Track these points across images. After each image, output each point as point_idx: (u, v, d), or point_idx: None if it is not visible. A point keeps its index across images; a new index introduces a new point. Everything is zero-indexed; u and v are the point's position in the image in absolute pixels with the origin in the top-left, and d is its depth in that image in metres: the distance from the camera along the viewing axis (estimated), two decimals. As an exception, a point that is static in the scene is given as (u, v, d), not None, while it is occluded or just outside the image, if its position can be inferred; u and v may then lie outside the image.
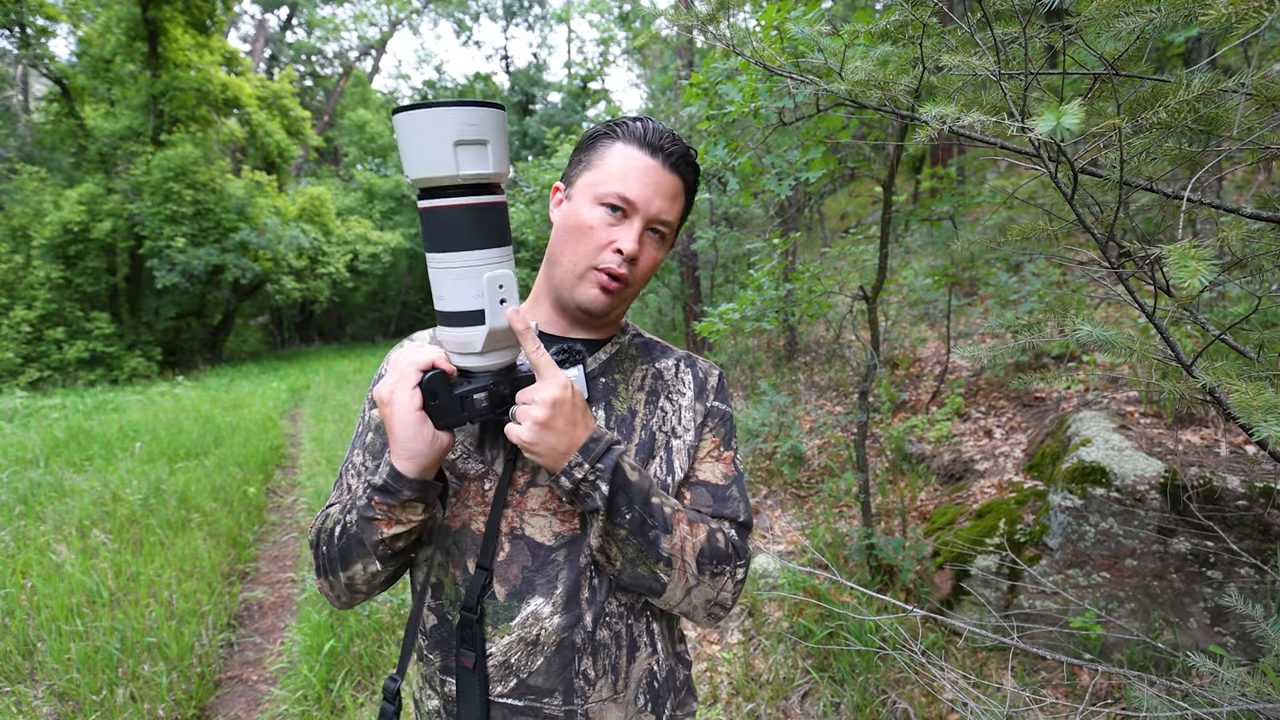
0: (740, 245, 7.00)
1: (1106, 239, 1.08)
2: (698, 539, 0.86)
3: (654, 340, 1.05)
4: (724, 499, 0.94)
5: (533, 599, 0.86)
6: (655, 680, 0.94)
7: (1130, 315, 3.82)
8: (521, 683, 0.87)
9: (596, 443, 0.80)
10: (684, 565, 0.85)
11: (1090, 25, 1.03)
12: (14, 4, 12.33)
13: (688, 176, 0.91)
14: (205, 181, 13.70)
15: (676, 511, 0.85)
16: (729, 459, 0.98)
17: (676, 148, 0.88)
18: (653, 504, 0.83)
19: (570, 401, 0.78)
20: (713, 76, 2.49)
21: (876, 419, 4.34)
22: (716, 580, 0.88)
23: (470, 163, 0.70)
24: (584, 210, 0.88)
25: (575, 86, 25.57)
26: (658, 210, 0.87)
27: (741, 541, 0.93)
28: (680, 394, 0.98)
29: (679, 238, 7.23)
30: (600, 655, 0.88)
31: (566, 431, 0.78)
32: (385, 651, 2.81)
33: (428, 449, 0.77)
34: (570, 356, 0.92)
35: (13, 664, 2.72)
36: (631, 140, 0.88)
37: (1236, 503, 2.21)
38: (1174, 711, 1.30)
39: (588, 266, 0.87)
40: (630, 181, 0.86)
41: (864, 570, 2.94)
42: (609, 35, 25.63)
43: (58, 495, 4.72)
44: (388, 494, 0.79)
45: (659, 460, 0.93)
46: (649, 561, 0.84)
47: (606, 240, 0.86)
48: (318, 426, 7.46)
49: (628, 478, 0.81)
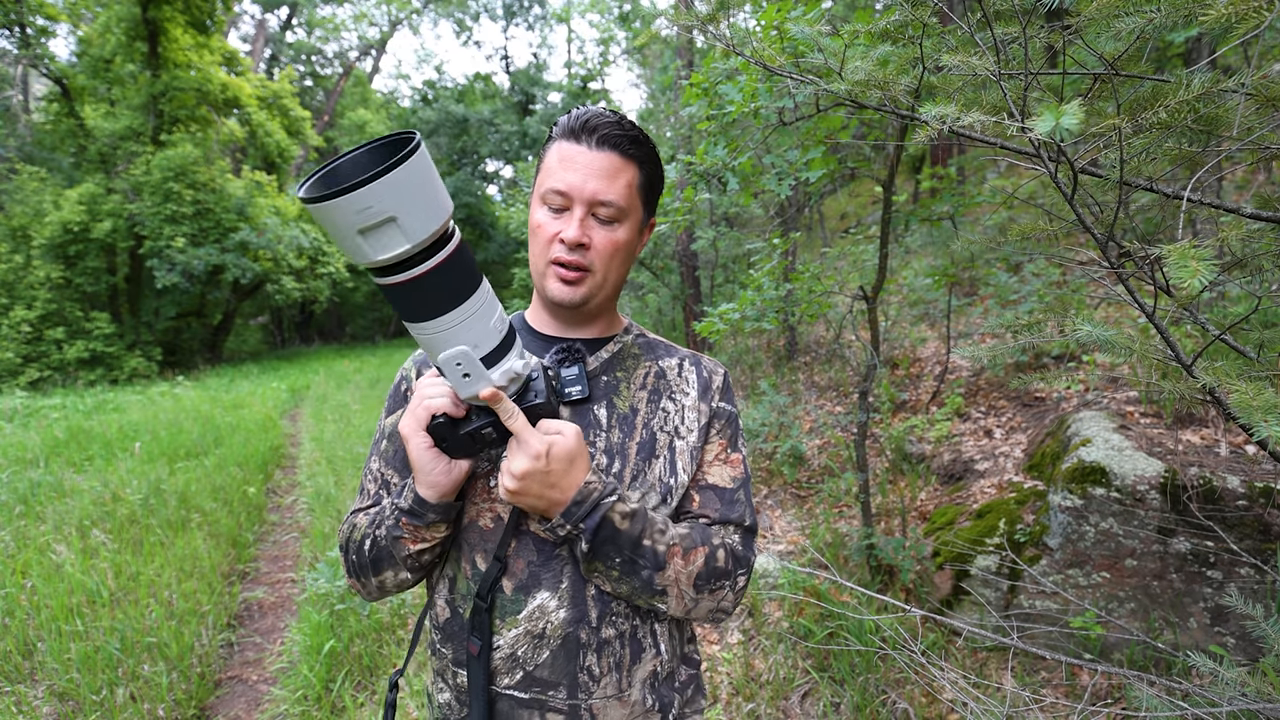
0: (740, 245, 7.00)
1: (1106, 239, 1.08)
2: (694, 566, 0.87)
3: (658, 340, 1.06)
4: (731, 503, 0.96)
5: (539, 593, 0.88)
6: (658, 680, 0.95)
7: (1130, 315, 3.82)
8: (528, 675, 0.88)
9: (580, 505, 0.82)
10: (680, 593, 0.87)
11: (1090, 25, 1.03)
12: (14, 4, 12.33)
13: (625, 149, 0.89)
14: (205, 181, 13.70)
15: (672, 546, 0.86)
16: (737, 461, 0.99)
17: (603, 124, 0.88)
18: (644, 546, 0.84)
19: (544, 470, 0.79)
20: (713, 76, 2.49)
21: (876, 419, 4.34)
22: (716, 594, 0.90)
23: (381, 247, 0.61)
24: (535, 213, 0.92)
25: (575, 86, 25.56)
26: (593, 192, 0.87)
27: (744, 549, 0.94)
28: (683, 393, 0.98)
29: (678, 237, 7.25)
30: (605, 652, 0.89)
31: (541, 494, 0.80)
32: (385, 651, 2.82)
33: (445, 480, 0.84)
34: (570, 355, 0.93)
35: (13, 664, 2.72)
36: (562, 135, 0.90)
37: (1236, 503, 2.21)
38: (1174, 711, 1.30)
39: (545, 262, 0.91)
40: (562, 173, 0.88)
41: (864, 570, 2.94)
42: (609, 35, 25.63)
43: (58, 495, 4.72)
44: (414, 516, 0.86)
45: (662, 461, 0.93)
46: (643, 595, 0.87)
47: (553, 234, 0.89)
48: (318, 426, 7.46)
49: (616, 529, 0.83)
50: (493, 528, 0.90)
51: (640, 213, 0.94)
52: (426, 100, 25.58)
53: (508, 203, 13.01)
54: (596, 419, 0.93)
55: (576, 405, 0.93)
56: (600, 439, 0.92)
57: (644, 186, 0.93)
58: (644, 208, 0.95)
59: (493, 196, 26.01)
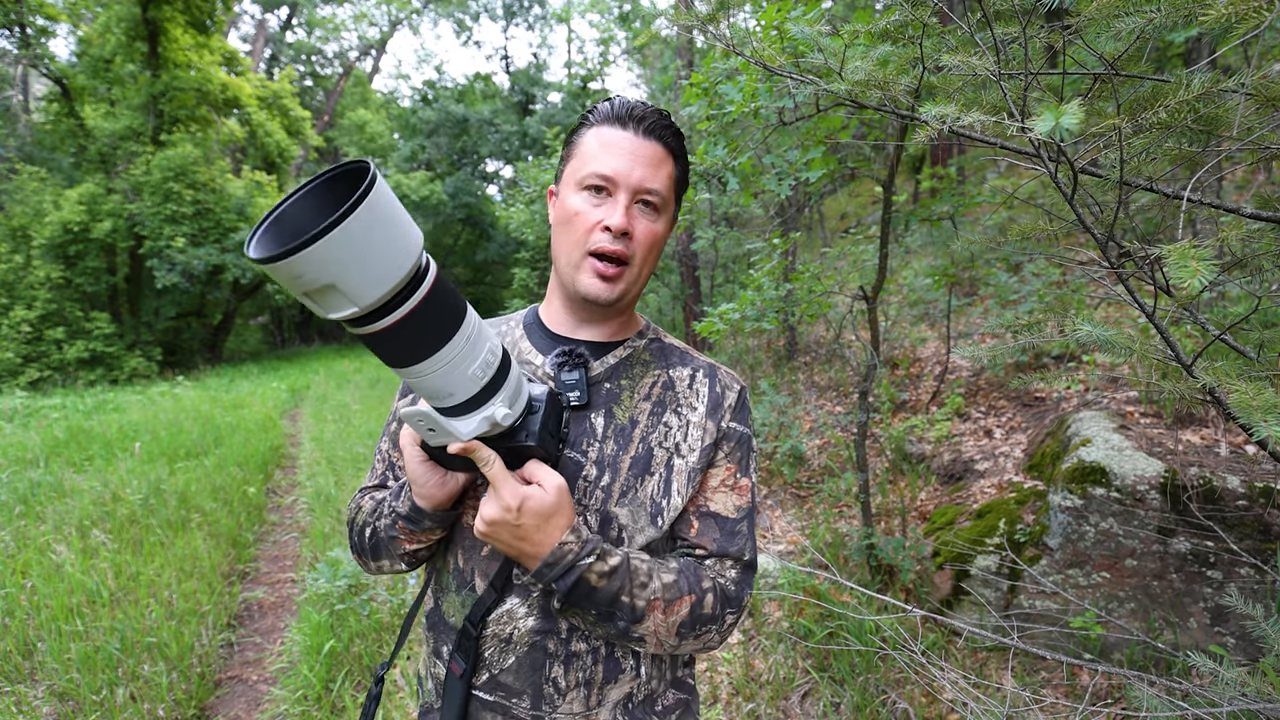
0: (740, 245, 7.00)
1: (1106, 239, 1.08)
2: (676, 618, 0.83)
3: (674, 345, 1.00)
4: (732, 534, 0.90)
5: (510, 597, 0.87)
6: (633, 703, 0.89)
7: (1130, 315, 3.82)
8: (493, 678, 0.87)
9: (551, 567, 0.77)
10: (660, 641, 0.84)
11: (1090, 25, 1.03)
12: (14, 4, 12.33)
13: (668, 140, 0.88)
14: (205, 181, 13.70)
15: (653, 601, 0.81)
16: (745, 488, 0.93)
17: (649, 114, 0.87)
18: (621, 602, 0.80)
19: (512, 523, 0.75)
20: (713, 76, 2.49)
21: (876, 419, 4.34)
22: (701, 638, 0.86)
23: (332, 307, 0.56)
24: (570, 199, 0.87)
25: (575, 86, 25.55)
26: (640, 179, 0.84)
27: (738, 589, 0.89)
28: (691, 409, 0.92)
29: (678, 237, 7.25)
30: (574, 665, 0.86)
31: (511, 545, 0.77)
32: (385, 651, 2.81)
33: (440, 493, 0.83)
34: (570, 360, 0.90)
35: (13, 664, 2.72)
36: (602, 121, 0.87)
37: (1236, 503, 2.21)
38: (1174, 711, 1.30)
39: (582, 254, 0.86)
40: (606, 158, 0.84)
41: (864, 570, 2.94)
42: (609, 35, 25.63)
43: (58, 495, 4.72)
44: (410, 522, 0.86)
45: (656, 479, 0.88)
46: (620, 640, 0.84)
47: (594, 221, 0.85)
48: (318, 426, 7.46)
49: (592, 588, 0.78)
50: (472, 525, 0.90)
51: (673, 208, 0.92)
52: (426, 100, 25.56)
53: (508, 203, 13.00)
54: (592, 427, 0.89)
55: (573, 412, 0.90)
56: (593, 449, 0.88)
57: (679, 181, 0.91)
58: (676, 203, 0.92)
59: (493, 196, 26.00)
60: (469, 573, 0.89)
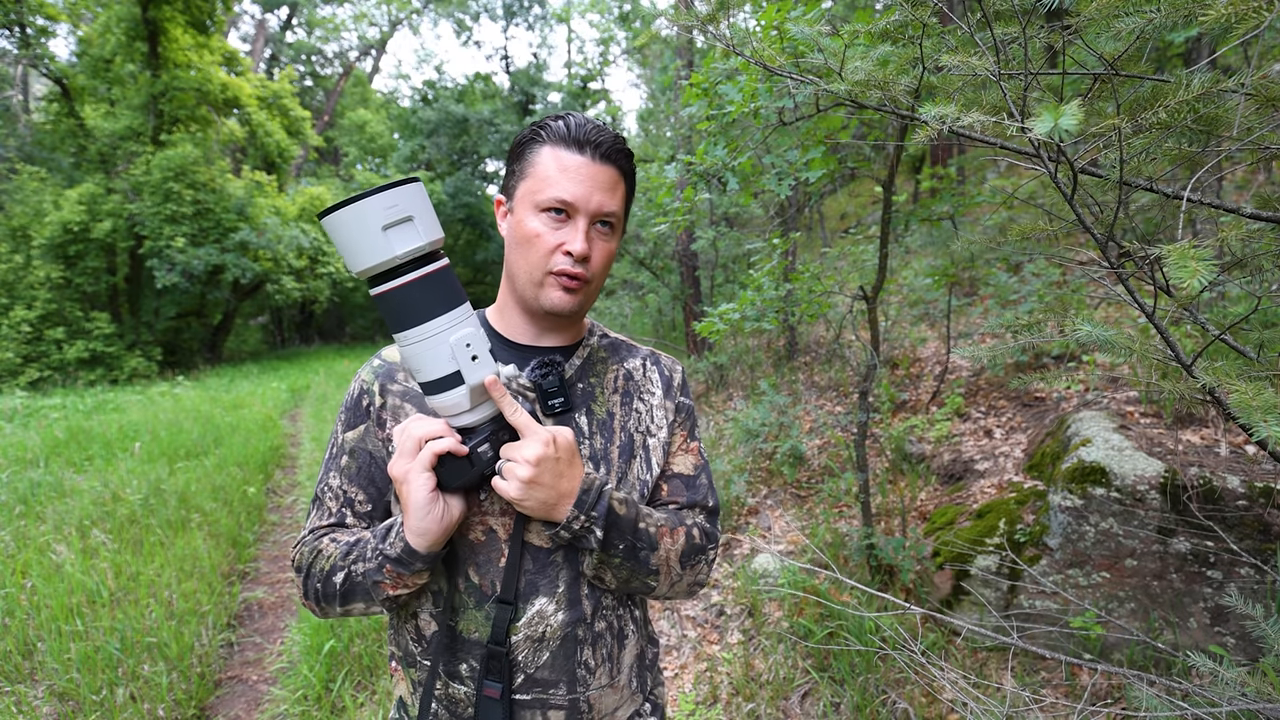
0: (740, 245, 7.00)
1: (1106, 239, 1.08)
2: (678, 544, 0.93)
3: (619, 339, 1.08)
4: (695, 487, 1.02)
5: (537, 599, 0.89)
6: (641, 664, 1.02)
7: (1130, 315, 3.82)
8: (529, 678, 0.89)
9: (588, 492, 0.83)
10: (669, 570, 0.93)
11: (1090, 25, 1.03)
12: (14, 4, 12.32)
13: (621, 163, 0.91)
14: (205, 181, 13.70)
15: (660, 527, 0.91)
16: (695, 449, 1.05)
17: (604, 138, 0.88)
18: (640, 529, 0.89)
19: (554, 457, 0.80)
20: (713, 76, 2.49)
21: (876, 419, 4.34)
22: (696, 569, 0.97)
23: (403, 241, 0.74)
24: (528, 220, 0.89)
25: (575, 86, 25.54)
26: (598, 205, 0.88)
27: (711, 527, 1.01)
28: (650, 393, 1.02)
29: (678, 237, 7.25)
30: (599, 645, 0.93)
31: (553, 485, 0.81)
32: (385, 651, 2.81)
33: (437, 528, 0.81)
34: (552, 369, 0.93)
35: (13, 664, 2.72)
36: (558, 141, 0.88)
37: (1236, 503, 2.21)
38: (1174, 711, 1.30)
39: (544, 273, 0.89)
40: (565, 183, 0.86)
41: (864, 570, 2.94)
42: (609, 35, 25.60)
43: (58, 495, 4.72)
44: (400, 565, 0.83)
45: (639, 460, 0.98)
46: (640, 576, 0.91)
47: (555, 244, 0.88)
48: (318, 426, 7.46)
49: (618, 514, 0.86)
50: (484, 540, 0.90)
51: (624, 221, 0.97)
52: (426, 100, 25.53)
53: (508, 203, 12.94)
54: (579, 427, 0.94)
55: (559, 417, 0.94)
56: (584, 446, 0.94)
57: (629, 197, 0.95)
58: (626, 217, 0.97)
59: (493, 196, 25.99)
60: (488, 586, 0.89)
